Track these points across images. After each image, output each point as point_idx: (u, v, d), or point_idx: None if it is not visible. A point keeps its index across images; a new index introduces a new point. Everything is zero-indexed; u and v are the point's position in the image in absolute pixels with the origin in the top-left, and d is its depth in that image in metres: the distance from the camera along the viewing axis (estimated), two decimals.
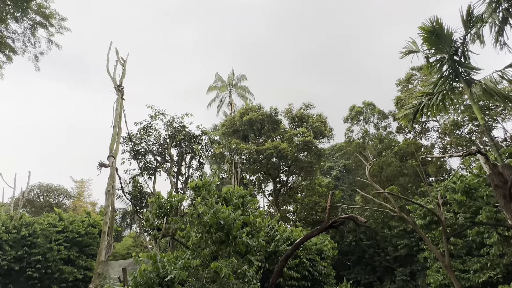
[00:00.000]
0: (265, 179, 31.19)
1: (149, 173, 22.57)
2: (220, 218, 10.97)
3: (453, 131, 25.58)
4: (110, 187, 11.27)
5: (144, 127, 22.61)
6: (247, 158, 28.99)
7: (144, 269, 9.51)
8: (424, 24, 9.95)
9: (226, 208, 11.29)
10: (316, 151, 27.68)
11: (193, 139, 23.31)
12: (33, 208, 35.98)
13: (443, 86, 10.44)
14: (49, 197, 37.72)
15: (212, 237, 10.54)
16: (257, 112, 28.30)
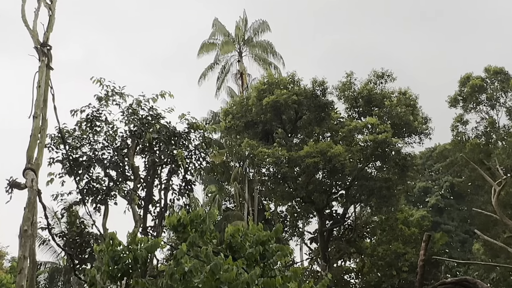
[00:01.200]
0: (304, 211, 31.07)
1: (97, 199, 22.44)
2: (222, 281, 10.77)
3: None
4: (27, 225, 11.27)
5: (87, 117, 22.45)
6: (271, 173, 29.04)
7: None
8: None
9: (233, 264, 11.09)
10: (398, 160, 27.48)
11: (174, 139, 23.21)
12: None
13: None
14: None
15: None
16: (289, 89, 28.39)
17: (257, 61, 38.69)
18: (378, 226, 30.81)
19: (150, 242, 13.00)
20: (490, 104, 30.22)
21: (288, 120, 29.39)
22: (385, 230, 30.26)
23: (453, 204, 40.23)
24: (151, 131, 22.37)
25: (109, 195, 22.49)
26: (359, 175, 27.84)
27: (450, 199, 40.19)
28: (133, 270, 13.03)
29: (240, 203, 32.73)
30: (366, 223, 31.71)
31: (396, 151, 27.55)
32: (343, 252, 30.38)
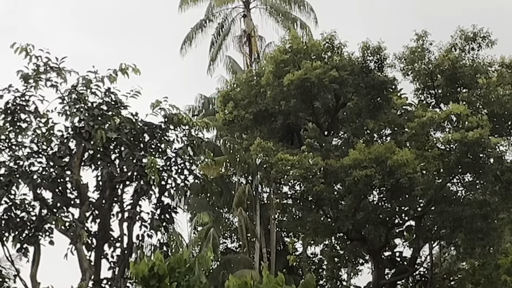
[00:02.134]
0: (350, 252, 31.30)
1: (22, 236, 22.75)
2: None
3: None
4: None
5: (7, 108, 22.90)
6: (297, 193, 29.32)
7: None
8: None
9: None
10: (500, 172, 27.51)
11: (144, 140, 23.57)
12: None
13: None
14: None
15: None
16: (325, 59, 28.73)
17: (274, 16, 39.41)
18: (468, 278, 30.80)
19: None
20: None
21: (325, 109, 29.84)
22: (479, 283, 30.27)
23: None
24: (106, 128, 22.62)
25: (41, 230, 22.70)
26: (437, 197, 28.02)
27: None
28: None
29: (249, 241, 32.86)
30: (450, 272, 31.81)
31: (496, 157, 27.48)
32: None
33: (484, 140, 26.41)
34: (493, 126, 27.37)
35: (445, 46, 29.91)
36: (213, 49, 39.76)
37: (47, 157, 23.18)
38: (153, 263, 12.56)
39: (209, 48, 39.94)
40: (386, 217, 29.06)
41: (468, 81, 29.18)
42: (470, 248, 29.47)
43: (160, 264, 12.53)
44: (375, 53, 29.08)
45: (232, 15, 39.88)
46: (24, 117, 23.13)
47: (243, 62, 38.20)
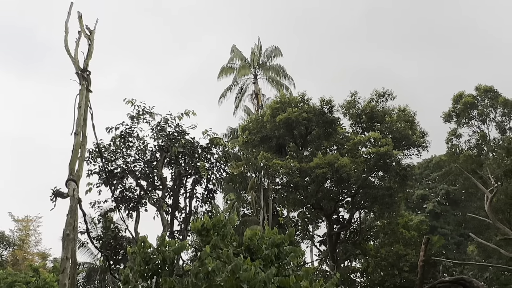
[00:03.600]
0: (314, 216, 31.03)
1: (129, 207, 22.84)
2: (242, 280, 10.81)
3: None
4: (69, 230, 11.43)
5: (121, 134, 22.93)
6: (284, 182, 29.00)
7: None
8: None
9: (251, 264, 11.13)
10: (398, 170, 27.34)
11: (198, 152, 23.44)
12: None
13: None
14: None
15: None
16: (300, 107, 28.48)
17: (271, 83, 38.90)
18: (381, 230, 30.57)
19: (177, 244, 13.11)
20: (481, 119, 30.15)
21: (299, 135, 29.32)
22: (387, 233, 30.07)
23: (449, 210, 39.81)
24: (177, 146, 22.72)
25: (140, 203, 22.92)
26: (363, 184, 27.75)
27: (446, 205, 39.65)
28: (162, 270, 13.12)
29: (256, 209, 32.66)
30: (370, 227, 31.39)
31: (396, 162, 27.47)
32: (350, 253, 30.26)
33: (389, 152, 26.40)
34: (394, 145, 27.21)
35: (367, 99, 29.73)
36: (236, 101, 39.32)
37: (144, 162, 23.25)
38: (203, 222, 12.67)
39: (234, 101, 39.49)
40: (334, 196, 28.73)
41: (380, 119, 29.01)
42: (381, 213, 29.23)
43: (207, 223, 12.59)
44: (327, 103, 29.01)
45: (247, 82, 39.47)
46: (130, 140, 23.21)
47: (254, 109, 37.72)
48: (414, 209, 40.75)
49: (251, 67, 39.50)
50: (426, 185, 42.67)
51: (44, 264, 36.83)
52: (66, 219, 11.20)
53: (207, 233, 12.54)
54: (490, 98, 29.78)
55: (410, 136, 28.13)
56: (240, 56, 39.80)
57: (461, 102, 30.13)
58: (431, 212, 39.49)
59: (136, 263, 13.03)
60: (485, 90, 29.96)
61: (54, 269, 30.86)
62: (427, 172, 43.27)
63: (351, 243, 30.00)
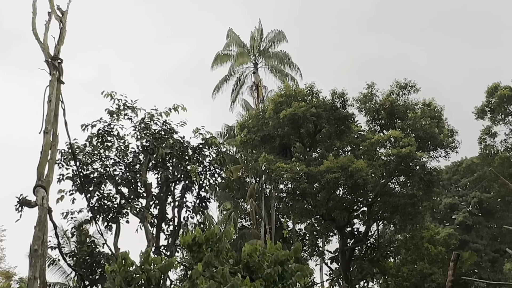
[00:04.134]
0: (324, 229, 30.98)
1: (108, 218, 22.68)
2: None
3: None
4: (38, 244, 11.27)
5: (98, 132, 22.78)
6: (289, 189, 28.96)
7: None
8: None
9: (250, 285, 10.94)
10: (423, 175, 27.28)
11: (188, 154, 23.28)
12: None
13: None
14: None
15: None
16: (308, 101, 28.40)
17: (274, 72, 38.84)
18: (402, 245, 30.59)
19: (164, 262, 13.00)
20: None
21: (307, 133, 29.36)
22: (410, 249, 30.06)
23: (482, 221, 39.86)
24: (164, 146, 22.70)
25: (120, 213, 22.90)
26: (382, 191, 27.72)
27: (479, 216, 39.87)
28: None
29: (257, 221, 32.92)
30: (390, 241, 31.48)
31: (421, 165, 27.42)
32: (366, 272, 30.05)
33: (412, 154, 26.32)
34: (418, 145, 27.18)
35: (386, 92, 29.77)
36: (233, 94, 39.37)
37: (125, 165, 23.38)
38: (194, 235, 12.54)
39: (231, 94, 39.54)
40: (348, 205, 28.71)
41: (402, 115, 29.07)
42: (403, 225, 29.27)
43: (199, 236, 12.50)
44: (340, 97, 29.00)
45: (246, 72, 39.56)
46: (109, 139, 23.25)
47: (253, 103, 37.80)
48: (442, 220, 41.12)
49: (250, 54, 39.51)
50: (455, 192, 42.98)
51: (9, 284, 36.60)
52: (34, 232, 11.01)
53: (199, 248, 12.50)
54: None
55: (437, 135, 28.11)
56: (237, 42, 39.70)
57: (497, 95, 30.01)
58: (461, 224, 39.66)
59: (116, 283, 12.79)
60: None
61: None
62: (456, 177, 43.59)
63: (367, 260, 29.95)
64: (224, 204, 35.75)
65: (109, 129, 23.04)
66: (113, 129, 23.08)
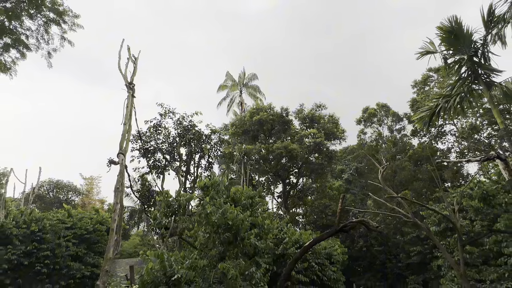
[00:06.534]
0: (274, 180, 30.92)
1: (158, 171, 22.50)
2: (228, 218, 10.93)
3: (471, 135, 24.91)
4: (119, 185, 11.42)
5: (154, 125, 22.56)
6: (256, 159, 28.74)
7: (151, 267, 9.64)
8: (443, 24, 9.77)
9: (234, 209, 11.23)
10: (327, 153, 27.36)
11: (202, 138, 23.15)
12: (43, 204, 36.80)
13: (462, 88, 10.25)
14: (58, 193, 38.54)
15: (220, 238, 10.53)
16: (268, 112, 28.20)
17: (250, 96, 38.31)
18: (315, 190, 30.71)
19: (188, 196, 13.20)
20: (379, 123, 30.29)
21: (267, 129, 28.94)
22: (319, 192, 30.27)
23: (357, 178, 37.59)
24: (189, 134, 22.54)
25: (165, 169, 22.63)
26: (305, 161, 27.58)
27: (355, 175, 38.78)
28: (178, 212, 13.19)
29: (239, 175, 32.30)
30: (309, 188, 31.43)
31: (326, 148, 27.35)
32: (296, 203, 30.42)
33: (322, 142, 26.16)
34: (325, 137, 26.94)
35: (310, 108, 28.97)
36: (228, 106, 38.77)
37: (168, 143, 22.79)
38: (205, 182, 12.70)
39: (227, 106, 38.97)
40: (287, 168, 28.39)
41: (317, 121, 28.31)
42: (316, 179, 28.80)
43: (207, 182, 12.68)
44: (285, 110, 28.31)
45: (235, 95, 38.97)
46: (160, 129, 22.71)
47: (239, 112, 37.32)
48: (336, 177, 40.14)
49: (238, 85, 38.82)
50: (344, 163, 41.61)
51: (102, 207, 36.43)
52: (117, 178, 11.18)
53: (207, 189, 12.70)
54: (384, 110, 30.01)
55: (335, 132, 27.98)
56: (231, 78, 39.13)
57: (367, 112, 30.15)
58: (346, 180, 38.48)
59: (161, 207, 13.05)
60: (382, 105, 30.19)
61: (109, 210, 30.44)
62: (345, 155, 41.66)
63: (297, 197, 30.06)
64: (222, 166, 34.47)
65: (160, 123, 22.71)
66: (162, 123, 22.77)
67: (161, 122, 22.82)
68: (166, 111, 22.82)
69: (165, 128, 22.92)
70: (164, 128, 22.91)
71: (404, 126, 29.83)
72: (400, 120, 29.72)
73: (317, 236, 13.60)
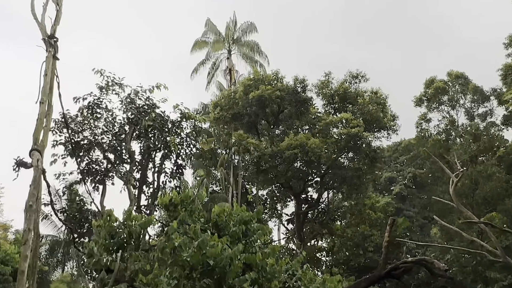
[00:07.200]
0: (283, 195, 31.57)
1: (96, 179, 22.48)
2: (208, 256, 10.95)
3: None
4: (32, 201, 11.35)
5: (89, 104, 22.17)
6: (254, 161, 29.24)
7: None
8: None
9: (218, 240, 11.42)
10: (368, 152, 27.88)
11: (167, 127, 23.15)
12: None
13: None
14: None
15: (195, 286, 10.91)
16: (273, 85, 28.49)
17: (245, 59, 38.59)
18: (348, 211, 31.20)
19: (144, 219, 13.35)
20: (451, 105, 30.93)
21: (271, 113, 29.50)
22: (354, 214, 30.70)
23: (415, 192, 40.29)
24: (147, 119, 22.14)
25: (107, 176, 22.31)
26: (333, 165, 28.11)
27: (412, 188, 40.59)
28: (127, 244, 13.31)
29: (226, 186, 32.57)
30: (338, 207, 32.03)
31: (366, 144, 27.87)
32: (316, 232, 30.95)
33: (360, 134, 26.78)
34: (365, 126, 27.52)
35: (340, 80, 30.03)
36: (209, 76, 39.06)
37: (112, 134, 22.58)
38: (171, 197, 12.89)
39: (207, 76, 39.24)
40: (304, 176, 29.26)
41: (352, 100, 29.40)
42: (349, 194, 29.77)
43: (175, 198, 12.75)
44: (301, 82, 29.30)
45: (221, 57, 39.16)
46: (99, 111, 22.32)
47: (226, 85, 37.38)
48: (382, 191, 41.66)
49: (225, 42, 38.91)
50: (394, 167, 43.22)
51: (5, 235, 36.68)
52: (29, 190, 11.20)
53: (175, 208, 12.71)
54: (460, 84, 30.53)
55: (381, 119, 28.51)
56: (214, 30, 39.17)
57: (433, 87, 30.66)
58: (397, 195, 40.12)
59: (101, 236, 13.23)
60: (456, 76, 30.67)
61: (16, 241, 30.78)
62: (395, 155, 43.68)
63: (318, 222, 30.61)
64: (198, 171, 35.61)
65: (99, 102, 22.16)
66: (102, 102, 22.21)
67: (100, 101, 22.58)
68: (109, 82, 22.63)
69: (107, 109, 22.78)
70: (106, 109, 22.75)
71: (492, 109, 30.43)
72: (486, 99, 30.12)
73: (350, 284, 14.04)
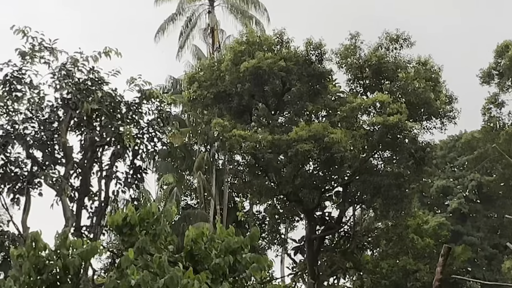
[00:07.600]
0: (288, 211, 31.27)
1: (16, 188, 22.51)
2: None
3: None
4: None
5: (5, 79, 22.14)
6: (246, 161, 29.24)
7: None
8: None
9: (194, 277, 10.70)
10: (413, 150, 27.66)
11: (121, 112, 23.05)
12: None
13: None
14: None
15: None
16: (276, 51, 28.41)
17: (234, 13, 38.82)
18: (383, 235, 31.22)
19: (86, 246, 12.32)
20: None
21: (273, 92, 29.49)
22: (391, 240, 30.73)
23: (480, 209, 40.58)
24: (90, 101, 22.02)
25: (31, 183, 22.32)
26: (361, 168, 28.22)
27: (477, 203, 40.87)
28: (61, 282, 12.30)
29: (205, 199, 33.05)
30: (368, 230, 31.99)
31: (411, 138, 27.82)
32: (337, 266, 30.59)
33: (401, 124, 26.61)
34: (409, 113, 27.39)
35: (373, 45, 29.91)
36: (181, 38, 39.30)
37: (39, 122, 22.97)
38: (126, 214, 12.10)
39: (179, 38, 39.51)
40: (319, 183, 29.17)
41: (391, 75, 29.24)
42: (385, 211, 29.73)
43: (132, 215, 12.05)
44: (316, 48, 29.02)
45: (199, 11, 39.42)
46: (20, 88, 22.61)
47: (207, 51, 37.91)
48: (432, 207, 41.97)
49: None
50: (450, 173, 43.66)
51: None
52: None
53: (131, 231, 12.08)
54: None
55: (432, 102, 28.34)
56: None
57: (507, 55, 30.17)
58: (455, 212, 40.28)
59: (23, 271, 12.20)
60: None
61: None
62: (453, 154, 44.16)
63: (339, 252, 30.45)
64: (165, 177, 35.47)
65: (20, 75, 22.34)
66: (25, 75, 22.38)
67: (23, 73, 22.47)
68: (35, 45, 22.37)
69: (33, 86, 22.63)
70: (30, 86, 22.58)
71: None
72: None
73: None
